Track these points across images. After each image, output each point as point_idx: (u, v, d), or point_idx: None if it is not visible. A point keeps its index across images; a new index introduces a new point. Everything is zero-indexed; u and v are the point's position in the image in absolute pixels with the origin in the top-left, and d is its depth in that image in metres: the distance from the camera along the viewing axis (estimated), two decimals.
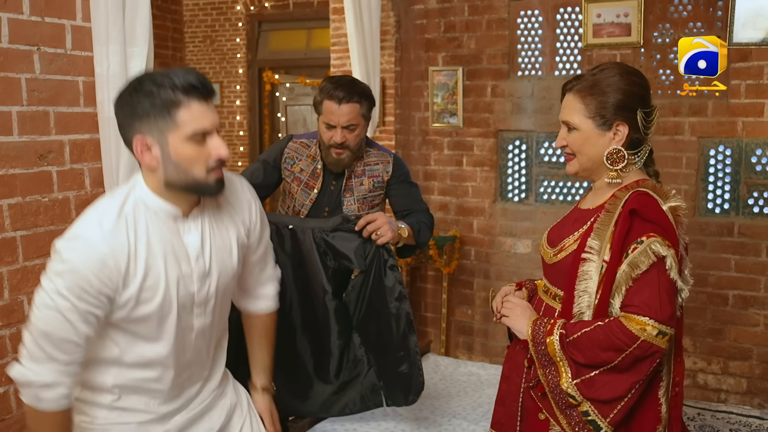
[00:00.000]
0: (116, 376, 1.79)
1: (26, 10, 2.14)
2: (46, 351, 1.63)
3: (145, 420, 1.85)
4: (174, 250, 1.75)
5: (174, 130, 1.65)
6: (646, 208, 1.81)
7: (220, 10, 8.23)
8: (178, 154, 1.66)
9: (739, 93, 4.13)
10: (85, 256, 1.62)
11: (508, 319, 2.02)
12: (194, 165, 1.68)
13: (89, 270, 1.61)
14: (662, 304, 1.74)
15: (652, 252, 1.76)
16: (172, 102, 1.63)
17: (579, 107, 1.93)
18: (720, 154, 4.27)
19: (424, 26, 5.04)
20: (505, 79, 4.82)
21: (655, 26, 4.31)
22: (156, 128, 1.65)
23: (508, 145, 4.93)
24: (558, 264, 1.97)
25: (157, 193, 1.73)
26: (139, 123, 1.65)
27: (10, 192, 2.14)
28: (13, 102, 2.12)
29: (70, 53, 2.29)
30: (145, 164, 1.70)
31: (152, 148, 1.67)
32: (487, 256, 5.02)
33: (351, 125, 2.72)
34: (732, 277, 4.26)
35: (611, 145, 1.90)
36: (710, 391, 4.38)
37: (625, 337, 1.74)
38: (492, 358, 4.95)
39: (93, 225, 1.66)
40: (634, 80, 1.90)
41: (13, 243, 2.16)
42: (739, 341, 4.28)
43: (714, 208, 4.33)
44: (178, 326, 1.79)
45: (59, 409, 1.68)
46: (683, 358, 1.93)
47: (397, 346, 2.57)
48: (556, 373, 1.83)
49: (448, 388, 3.35)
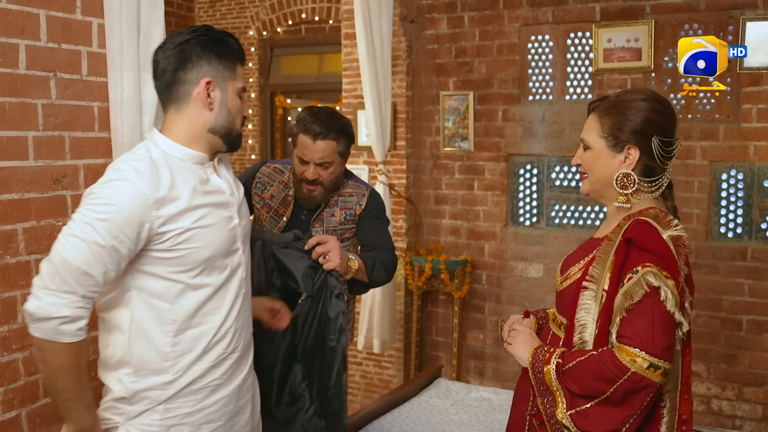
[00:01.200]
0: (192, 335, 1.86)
1: (43, 37, 2.17)
2: (66, 282, 1.66)
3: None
4: (208, 186, 1.87)
5: (232, 81, 1.87)
6: (643, 237, 1.78)
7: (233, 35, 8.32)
8: (232, 102, 1.88)
9: (751, 117, 4.13)
10: (123, 192, 1.71)
11: (511, 347, 2.00)
12: (237, 116, 1.91)
13: (125, 205, 1.69)
14: (655, 336, 1.70)
15: (645, 283, 1.73)
16: (237, 58, 1.90)
17: (595, 126, 1.93)
18: (732, 178, 4.26)
19: (435, 51, 5.07)
20: (516, 104, 4.84)
21: (666, 51, 4.33)
22: (221, 76, 1.85)
23: (519, 170, 4.93)
24: (563, 292, 1.96)
25: (183, 143, 1.85)
26: (208, 66, 1.83)
27: (25, 216, 2.16)
28: (29, 127, 2.15)
29: (85, 79, 2.31)
30: (203, 105, 1.84)
31: (214, 91, 1.84)
32: (499, 281, 5.01)
33: (325, 163, 2.61)
34: (746, 302, 4.22)
35: (621, 168, 1.89)
36: (725, 417, 4.33)
37: (616, 368, 1.71)
38: (504, 383, 4.91)
39: (127, 169, 1.75)
40: (655, 107, 1.89)
41: (27, 267, 2.17)
42: (754, 367, 4.23)
43: (727, 232, 4.31)
44: (230, 264, 1.91)
45: (78, 340, 1.71)
46: (691, 395, 1.88)
47: (333, 383, 2.43)
48: (552, 403, 1.82)
49: (460, 414, 3.33)
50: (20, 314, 2.16)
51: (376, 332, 4.62)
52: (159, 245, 1.76)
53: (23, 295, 2.16)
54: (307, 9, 7.57)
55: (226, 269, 1.90)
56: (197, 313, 1.85)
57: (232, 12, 8.23)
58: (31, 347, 2.19)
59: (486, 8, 4.87)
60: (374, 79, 4.38)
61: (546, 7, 4.67)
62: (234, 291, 1.93)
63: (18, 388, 2.16)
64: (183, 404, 1.86)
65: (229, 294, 1.91)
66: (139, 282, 1.80)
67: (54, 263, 1.67)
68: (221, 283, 1.88)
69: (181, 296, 1.82)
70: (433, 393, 3.60)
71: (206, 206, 1.84)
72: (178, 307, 1.82)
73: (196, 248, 1.80)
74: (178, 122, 1.86)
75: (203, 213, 1.82)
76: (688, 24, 4.24)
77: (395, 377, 5.18)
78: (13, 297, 2.14)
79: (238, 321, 1.95)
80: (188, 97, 1.83)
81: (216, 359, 1.89)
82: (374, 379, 5.29)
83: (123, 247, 1.70)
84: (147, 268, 1.79)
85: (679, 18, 4.26)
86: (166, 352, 1.83)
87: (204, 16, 8.34)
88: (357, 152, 5.13)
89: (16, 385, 2.16)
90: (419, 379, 3.82)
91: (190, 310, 1.83)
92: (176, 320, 1.82)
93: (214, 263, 1.86)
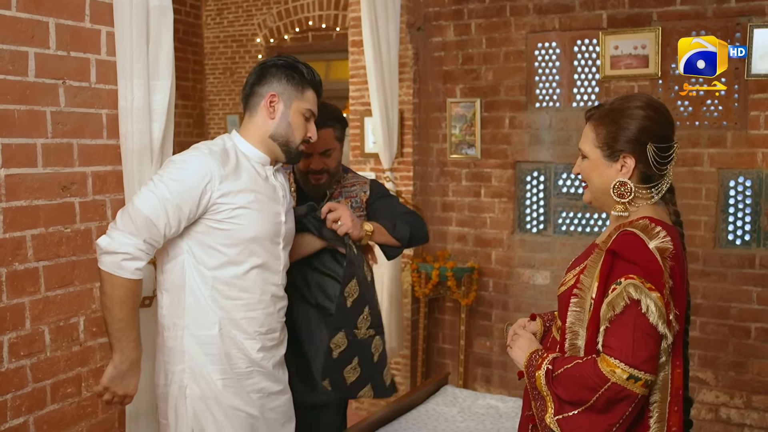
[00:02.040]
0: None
1: (53, 45, 2.19)
2: (135, 225, 2.02)
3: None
4: (264, 184, 2.25)
5: (298, 101, 2.26)
6: (627, 248, 1.77)
7: (240, 42, 8.34)
8: (294, 118, 2.27)
9: (758, 124, 4.12)
10: (195, 162, 2.10)
11: (511, 350, 2.02)
12: (297, 131, 2.27)
13: (195, 173, 2.08)
14: (636, 348, 1.70)
15: (626, 295, 1.73)
16: (308, 84, 2.29)
17: (591, 136, 1.93)
18: (740, 185, 4.25)
19: (442, 58, 5.08)
20: (522, 111, 4.84)
21: (673, 58, 4.31)
22: (287, 93, 2.25)
23: (526, 177, 4.93)
24: (560, 297, 1.99)
25: (251, 143, 2.26)
26: (278, 84, 2.25)
27: (33, 223, 2.17)
28: (38, 134, 2.16)
29: (94, 87, 2.33)
30: (266, 113, 2.25)
31: (278, 104, 2.25)
32: (506, 288, 5.00)
33: (327, 151, 2.70)
34: (754, 310, 4.20)
35: (618, 177, 1.89)
36: (733, 425, 4.30)
37: (596, 377, 1.72)
38: (511, 390, 4.89)
39: (203, 148, 2.17)
40: (650, 114, 1.87)
41: (35, 273, 2.18)
42: (763, 375, 4.21)
43: (734, 239, 4.29)
44: (272, 252, 2.28)
45: (134, 278, 2.05)
46: (681, 407, 1.85)
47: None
48: (543, 407, 1.84)
49: (467, 421, 3.32)
50: (28, 320, 2.17)
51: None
52: (215, 215, 2.13)
53: (31, 301, 2.17)
54: (314, 16, 7.60)
55: (264, 256, 2.24)
56: (232, 288, 2.20)
57: (239, 19, 8.27)
58: (39, 353, 2.20)
59: (493, 15, 4.87)
60: (381, 86, 4.39)
61: (553, 15, 4.68)
62: (265, 281, 2.27)
63: (25, 394, 2.17)
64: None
65: (261, 280, 2.25)
66: (192, 247, 2.16)
67: (128, 210, 2.06)
68: (259, 264, 2.22)
69: (221, 268, 2.17)
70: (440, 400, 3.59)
71: (260, 193, 2.21)
72: (218, 274, 2.17)
73: (243, 226, 2.16)
74: (249, 126, 2.28)
75: (256, 198, 2.19)
76: (695, 31, 4.24)
77: (402, 384, 5.17)
78: (21, 303, 2.14)
79: (268, 309, 2.28)
80: (258, 106, 2.26)
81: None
82: None
83: (185, 206, 2.06)
84: (201, 236, 2.15)
85: (686, 25, 4.26)
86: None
87: (212, 23, 8.39)
88: (364, 159, 5.14)
89: (23, 391, 2.17)
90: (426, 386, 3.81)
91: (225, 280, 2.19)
92: (214, 287, 2.18)
93: (255, 245, 2.20)
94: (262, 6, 8.02)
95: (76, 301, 2.31)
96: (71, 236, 2.29)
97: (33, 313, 2.18)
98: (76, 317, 2.32)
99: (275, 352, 2.34)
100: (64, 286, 2.27)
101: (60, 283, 2.26)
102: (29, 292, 2.17)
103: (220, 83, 8.51)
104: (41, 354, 2.21)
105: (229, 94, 8.42)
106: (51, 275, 2.23)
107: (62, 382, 2.29)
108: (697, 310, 4.28)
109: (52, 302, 2.23)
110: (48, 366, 2.24)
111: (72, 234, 2.29)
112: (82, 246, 2.32)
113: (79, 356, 2.34)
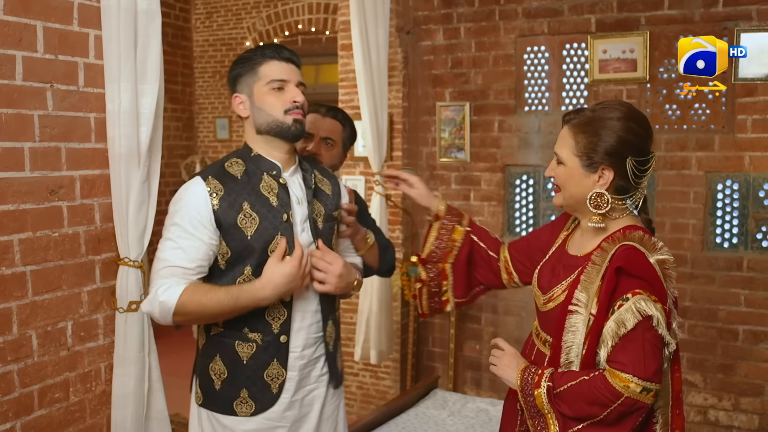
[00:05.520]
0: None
1: (40, 48, 2.18)
2: (161, 275, 2.00)
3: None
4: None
5: (257, 82, 2.11)
6: (632, 263, 1.76)
7: (230, 45, 8.32)
8: (261, 99, 2.10)
9: (746, 128, 4.14)
10: (190, 192, 2.04)
11: (496, 368, 1.98)
12: (273, 107, 2.10)
13: (192, 200, 2.02)
14: (647, 362, 1.71)
15: (637, 310, 1.72)
16: (258, 62, 2.11)
17: (570, 143, 1.89)
18: (728, 189, 4.28)
19: (432, 62, 5.09)
20: (512, 114, 4.85)
21: (661, 62, 4.35)
22: (246, 85, 2.13)
23: (515, 180, 4.94)
24: (548, 313, 1.95)
25: (254, 147, 2.14)
26: (237, 85, 2.15)
27: (20, 227, 2.15)
28: (25, 138, 2.15)
29: (82, 90, 2.31)
30: (240, 115, 2.15)
31: (244, 101, 2.13)
32: (495, 291, 5.00)
33: (329, 140, 2.69)
34: (742, 312, 4.23)
35: (595, 188, 1.86)
36: (722, 428, 4.32)
37: (609, 393, 1.72)
38: (500, 393, 4.89)
39: (189, 181, 2.09)
40: (631, 126, 1.84)
41: (23, 278, 2.17)
42: (750, 377, 4.23)
43: (722, 242, 4.32)
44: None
45: (185, 289, 1.99)
46: (683, 410, 1.89)
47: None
48: (544, 425, 1.82)
49: (457, 424, 3.32)
50: (15, 325, 2.15)
51: (373, 343, 4.61)
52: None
53: (18, 306, 2.16)
54: (303, 20, 7.60)
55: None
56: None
57: (228, 23, 8.25)
58: (26, 358, 2.19)
59: (482, 19, 4.89)
60: (371, 90, 4.39)
61: (542, 19, 4.69)
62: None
63: (12, 399, 2.15)
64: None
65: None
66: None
67: (154, 269, 2.06)
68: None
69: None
70: (430, 404, 3.60)
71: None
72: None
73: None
74: (245, 134, 2.20)
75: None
76: (683, 35, 4.25)
77: (392, 388, 5.17)
78: (8, 308, 2.13)
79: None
80: (239, 113, 2.17)
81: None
82: (371, 390, 5.27)
83: (205, 236, 2.06)
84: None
85: (674, 29, 4.28)
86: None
87: (201, 27, 8.37)
88: (353, 163, 5.14)
89: (10, 396, 2.15)
90: (416, 389, 3.81)
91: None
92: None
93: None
94: (252, 9, 8.01)
95: (63, 305, 2.30)
96: (59, 240, 2.27)
97: (20, 318, 2.16)
98: (64, 322, 2.30)
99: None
100: (52, 290, 2.25)
101: (48, 287, 2.24)
102: (16, 296, 2.15)
103: (209, 87, 8.49)
104: (29, 359, 2.19)
105: (219, 98, 8.40)
106: (38, 280, 2.21)
107: (50, 387, 2.27)
108: (686, 312, 4.30)
109: (39, 307, 2.22)
110: (35, 371, 2.22)
111: (60, 238, 2.27)
112: (70, 250, 2.31)
113: (66, 361, 2.32)
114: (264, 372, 2.10)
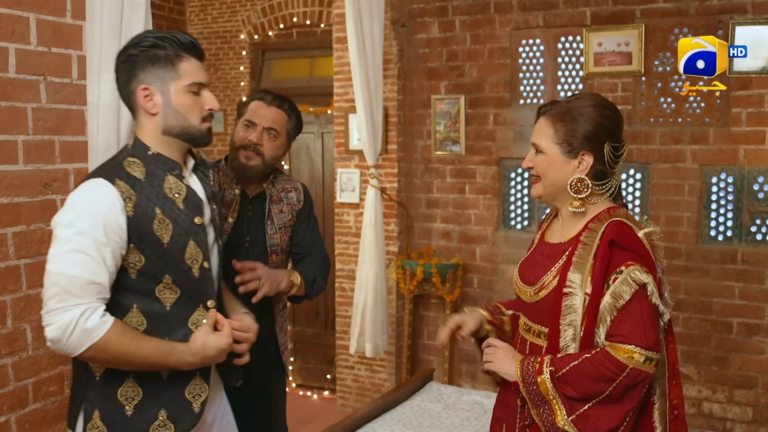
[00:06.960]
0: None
1: (33, 41, 2.16)
2: (75, 294, 1.73)
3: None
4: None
5: (176, 80, 1.87)
6: (623, 237, 1.82)
7: (224, 38, 8.29)
8: (179, 101, 1.88)
9: (740, 121, 4.15)
10: (97, 197, 1.78)
11: (492, 364, 2.01)
12: (191, 112, 1.90)
13: (101, 206, 1.77)
14: (646, 331, 1.77)
15: (632, 280, 1.78)
16: (176, 56, 1.87)
17: (549, 132, 1.95)
18: (722, 182, 4.28)
19: (427, 55, 5.08)
20: (506, 108, 4.85)
21: (656, 55, 4.35)
22: (159, 78, 1.86)
23: (510, 173, 4.94)
24: (540, 302, 1.96)
25: (153, 145, 1.91)
26: (143, 73, 1.86)
27: (14, 220, 2.15)
28: (18, 131, 2.14)
29: (75, 83, 2.30)
30: (146, 111, 1.89)
31: (155, 95, 1.87)
32: (490, 284, 5.01)
33: (273, 130, 2.61)
34: (736, 305, 4.24)
35: (575, 173, 1.92)
36: (715, 419, 4.34)
37: (614, 366, 1.75)
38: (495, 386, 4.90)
39: (88, 183, 1.83)
40: (606, 113, 1.92)
41: (16, 271, 2.16)
42: (744, 369, 4.25)
43: (717, 235, 4.33)
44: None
45: (111, 326, 1.76)
46: (680, 380, 1.93)
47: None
48: (550, 412, 1.83)
49: (452, 417, 3.33)
50: (9, 319, 2.15)
51: (368, 336, 4.61)
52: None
53: (12, 300, 2.15)
54: (298, 13, 7.57)
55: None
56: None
57: (223, 15, 8.23)
58: (21, 352, 2.18)
59: (477, 12, 4.88)
60: (365, 83, 4.38)
61: (537, 12, 4.69)
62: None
63: (7, 393, 2.15)
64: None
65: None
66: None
67: (60, 285, 1.78)
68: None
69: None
70: (425, 397, 3.60)
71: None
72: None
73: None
74: (140, 129, 1.94)
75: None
76: (678, 28, 4.26)
77: (387, 381, 5.18)
78: (2, 302, 2.13)
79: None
80: (137, 106, 1.91)
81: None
82: (366, 383, 5.28)
83: (116, 245, 1.83)
84: None
85: (669, 22, 4.29)
86: None
87: (195, 19, 8.33)
88: (348, 156, 5.13)
89: (5, 390, 2.15)
90: (411, 382, 3.81)
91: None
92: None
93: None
94: (246, 2, 7.98)
95: None
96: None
97: (14, 312, 2.16)
98: None
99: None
100: None
101: (42, 281, 2.21)
102: (10, 290, 2.15)
103: None
104: (23, 352, 2.19)
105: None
106: (32, 273, 2.21)
107: (45, 380, 2.27)
108: (680, 305, 4.31)
109: (33, 300, 2.21)
110: (30, 365, 2.22)
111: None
112: None
113: (61, 355, 2.31)
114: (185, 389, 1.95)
